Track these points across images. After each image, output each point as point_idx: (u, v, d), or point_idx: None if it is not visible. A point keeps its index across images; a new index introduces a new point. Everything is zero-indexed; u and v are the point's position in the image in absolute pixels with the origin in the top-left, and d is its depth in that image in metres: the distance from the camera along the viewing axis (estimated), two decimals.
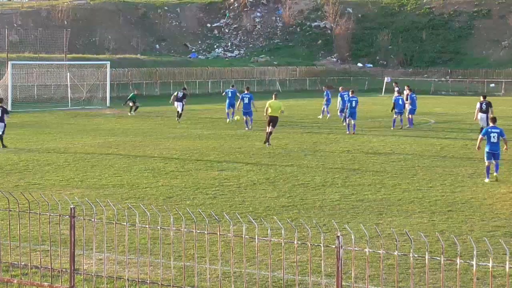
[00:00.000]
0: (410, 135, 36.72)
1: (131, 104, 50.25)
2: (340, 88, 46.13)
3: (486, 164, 23.55)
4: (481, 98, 36.64)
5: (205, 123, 43.27)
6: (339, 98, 44.06)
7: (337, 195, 20.55)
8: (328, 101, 47.34)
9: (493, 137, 23.47)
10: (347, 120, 38.37)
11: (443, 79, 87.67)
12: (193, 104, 55.63)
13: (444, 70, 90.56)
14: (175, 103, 44.34)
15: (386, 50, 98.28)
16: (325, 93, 48.09)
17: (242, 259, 12.11)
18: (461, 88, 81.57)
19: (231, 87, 45.82)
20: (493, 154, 23.48)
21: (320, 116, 47.56)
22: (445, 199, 20.02)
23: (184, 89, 47.34)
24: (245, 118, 39.94)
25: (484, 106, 35.63)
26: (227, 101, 43.85)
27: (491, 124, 24.10)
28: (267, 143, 31.95)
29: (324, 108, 47.88)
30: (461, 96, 77.30)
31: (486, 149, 23.61)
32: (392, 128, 39.55)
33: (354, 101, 38.29)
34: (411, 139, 34.93)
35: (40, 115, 48.19)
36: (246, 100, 39.70)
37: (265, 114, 32.69)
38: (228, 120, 43.66)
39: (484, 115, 35.14)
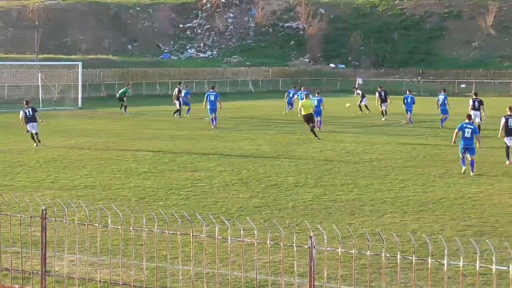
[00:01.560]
0: (382, 135, 36.88)
1: (124, 101, 50.61)
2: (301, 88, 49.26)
3: (460, 156, 24.88)
4: (473, 96, 38.51)
5: (178, 124, 43.16)
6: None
7: (310, 195, 20.60)
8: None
9: (467, 132, 24.68)
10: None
11: (414, 79, 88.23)
12: (165, 105, 55.51)
13: (416, 71, 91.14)
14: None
15: (358, 51, 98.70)
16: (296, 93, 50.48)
17: (215, 259, 12.09)
18: (432, 88, 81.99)
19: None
20: (467, 149, 24.58)
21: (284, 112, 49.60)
22: (416, 199, 20.13)
23: (180, 83, 50.76)
24: (211, 116, 40.87)
25: (476, 104, 37.03)
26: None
27: (466, 120, 25.16)
28: (317, 138, 34.48)
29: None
30: (433, 96, 77.50)
31: (461, 144, 24.79)
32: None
33: (316, 100, 40.05)
34: (383, 139, 35.09)
35: (10, 116, 47.78)
36: (212, 98, 41.00)
37: (299, 114, 36.34)
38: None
39: (477, 112, 36.31)
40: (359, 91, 54.28)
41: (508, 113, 27.19)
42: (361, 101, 51.97)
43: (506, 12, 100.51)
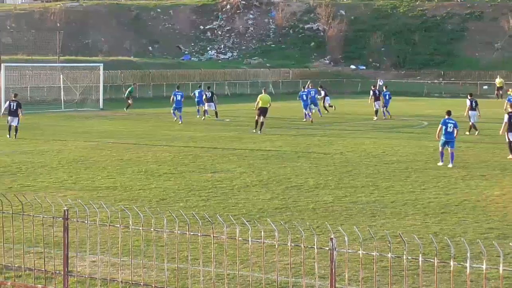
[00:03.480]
0: (403, 137, 36.76)
1: (130, 100, 50.99)
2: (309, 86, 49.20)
3: (440, 149, 27.14)
4: (469, 96, 39.80)
5: (198, 125, 43.23)
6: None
7: (331, 197, 20.56)
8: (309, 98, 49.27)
9: (450, 127, 27.09)
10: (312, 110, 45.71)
11: (436, 81, 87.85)
12: (185, 107, 55.55)
13: (437, 72, 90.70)
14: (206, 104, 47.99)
15: (379, 52, 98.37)
16: (323, 92, 50.22)
17: (236, 261, 12.10)
18: (454, 90, 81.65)
19: (199, 88, 50.99)
20: (448, 142, 26.99)
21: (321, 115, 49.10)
22: (438, 201, 20.04)
23: (208, 87, 52.08)
24: (177, 113, 44.83)
25: (474, 104, 38.51)
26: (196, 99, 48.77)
27: (446, 116, 27.53)
28: (259, 131, 37.36)
29: (323, 105, 51.16)
30: (454, 98, 77.33)
31: (443, 137, 27.02)
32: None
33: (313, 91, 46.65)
34: (404, 141, 34.96)
35: (33, 117, 48.08)
36: (178, 97, 44.99)
37: (255, 108, 38.72)
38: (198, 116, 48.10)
39: (474, 112, 38.39)
40: (322, 91, 52.22)
41: (510, 110, 28.72)
42: (324, 101, 51.43)
43: None
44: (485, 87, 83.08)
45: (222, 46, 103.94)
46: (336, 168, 26.22)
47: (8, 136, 35.12)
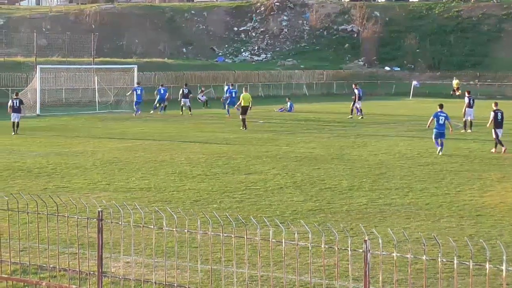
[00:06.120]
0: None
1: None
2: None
3: (434, 140, 30.44)
4: (467, 94, 41.44)
5: (231, 127, 43.28)
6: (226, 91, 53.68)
7: (364, 199, 20.47)
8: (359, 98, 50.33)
9: (441, 119, 30.26)
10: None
11: (471, 82, 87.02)
12: (219, 108, 55.69)
13: (473, 74, 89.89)
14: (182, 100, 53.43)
15: (413, 54, 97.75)
16: (356, 91, 49.76)
17: (269, 262, 12.08)
18: (490, 91, 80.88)
19: (161, 86, 56.16)
20: (440, 133, 30.17)
21: (351, 116, 48.72)
22: (473, 204, 19.86)
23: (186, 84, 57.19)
24: (136, 107, 51.50)
25: (471, 101, 40.38)
26: (158, 97, 53.89)
27: (439, 109, 30.70)
28: (244, 128, 40.24)
29: (356, 106, 50.23)
30: (490, 99, 76.54)
31: (435, 129, 30.22)
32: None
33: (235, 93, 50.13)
34: None
35: (68, 119, 48.48)
36: (138, 92, 52.03)
37: (236, 106, 43.06)
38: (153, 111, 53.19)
39: (471, 110, 40.28)
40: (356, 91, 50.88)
41: (494, 108, 31.63)
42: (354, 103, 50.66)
43: None
44: None
45: (256, 47, 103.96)
46: (370, 170, 26.10)
47: (12, 133, 37.43)
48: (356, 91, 50.04)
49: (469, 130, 39.30)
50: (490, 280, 12.03)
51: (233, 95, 51.18)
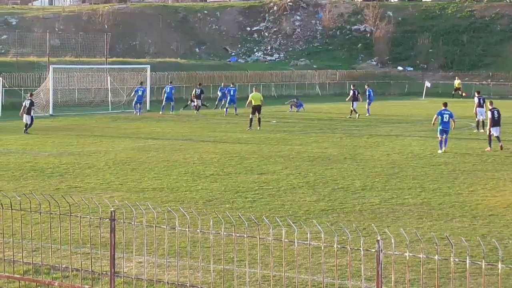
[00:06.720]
0: (450, 139, 36.37)
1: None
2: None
3: (439, 139, 30.92)
4: (476, 94, 41.26)
5: (244, 127, 43.28)
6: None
7: (377, 199, 20.44)
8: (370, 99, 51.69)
9: (445, 117, 31.13)
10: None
11: (484, 82, 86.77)
12: (233, 108, 55.66)
13: (486, 74, 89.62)
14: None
15: (426, 54, 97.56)
16: (367, 92, 50.24)
17: (282, 262, 12.09)
18: (503, 91, 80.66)
19: (170, 83, 57.53)
20: (445, 131, 30.93)
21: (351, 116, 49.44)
22: (486, 203, 19.81)
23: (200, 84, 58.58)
24: (137, 106, 52.36)
25: (482, 101, 39.89)
26: (165, 95, 54.42)
27: (443, 108, 31.69)
28: (258, 127, 40.45)
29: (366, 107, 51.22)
30: (503, 99, 76.40)
31: (440, 126, 31.03)
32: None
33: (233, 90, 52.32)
34: (452, 142, 34.57)
35: (80, 119, 48.62)
36: (140, 93, 52.42)
37: (246, 105, 42.32)
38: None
39: (482, 109, 39.67)
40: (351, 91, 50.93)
41: (490, 107, 31.99)
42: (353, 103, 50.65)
43: None
44: None
45: (269, 47, 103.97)
46: (382, 169, 26.06)
47: (24, 133, 38.24)
48: (354, 91, 49.98)
49: (481, 130, 38.97)
50: (503, 280, 12.00)
51: (232, 93, 52.90)
